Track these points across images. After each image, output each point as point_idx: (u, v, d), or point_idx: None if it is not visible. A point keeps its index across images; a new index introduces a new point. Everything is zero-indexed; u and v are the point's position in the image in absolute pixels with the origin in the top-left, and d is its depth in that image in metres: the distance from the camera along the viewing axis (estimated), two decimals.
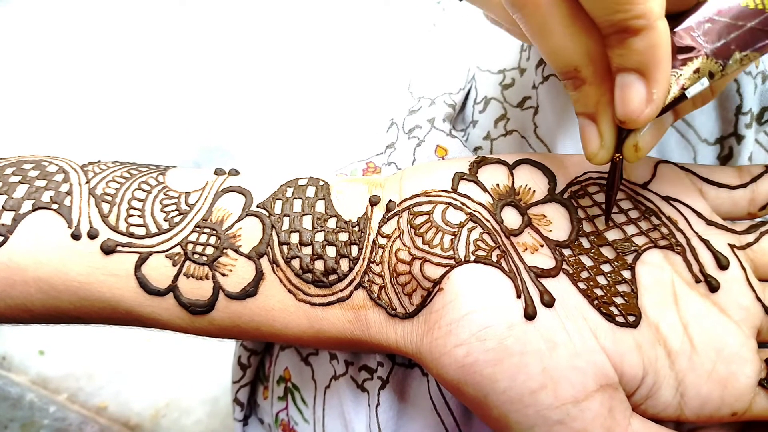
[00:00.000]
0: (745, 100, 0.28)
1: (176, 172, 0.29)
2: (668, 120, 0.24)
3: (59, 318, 0.28)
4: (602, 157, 0.23)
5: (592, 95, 0.22)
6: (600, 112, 0.23)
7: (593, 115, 0.23)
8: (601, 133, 0.23)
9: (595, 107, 0.23)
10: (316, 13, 1.27)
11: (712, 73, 0.22)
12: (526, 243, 0.26)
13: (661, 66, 0.20)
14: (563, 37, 0.21)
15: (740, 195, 0.27)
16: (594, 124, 0.23)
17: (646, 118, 0.21)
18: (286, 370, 0.37)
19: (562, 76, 0.23)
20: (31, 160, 0.29)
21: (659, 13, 0.19)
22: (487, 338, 0.23)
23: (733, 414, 0.25)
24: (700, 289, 0.25)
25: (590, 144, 0.23)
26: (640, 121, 0.21)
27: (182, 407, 0.94)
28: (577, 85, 0.22)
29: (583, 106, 0.23)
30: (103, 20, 1.38)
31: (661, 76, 0.21)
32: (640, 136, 0.23)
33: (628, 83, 0.21)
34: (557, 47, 0.21)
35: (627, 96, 0.21)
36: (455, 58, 0.38)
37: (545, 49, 0.22)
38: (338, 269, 0.26)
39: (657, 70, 0.20)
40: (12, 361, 0.96)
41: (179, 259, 0.26)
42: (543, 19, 0.21)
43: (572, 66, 0.22)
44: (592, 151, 0.23)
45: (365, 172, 0.37)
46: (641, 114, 0.21)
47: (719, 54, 0.21)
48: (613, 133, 0.23)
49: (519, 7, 0.21)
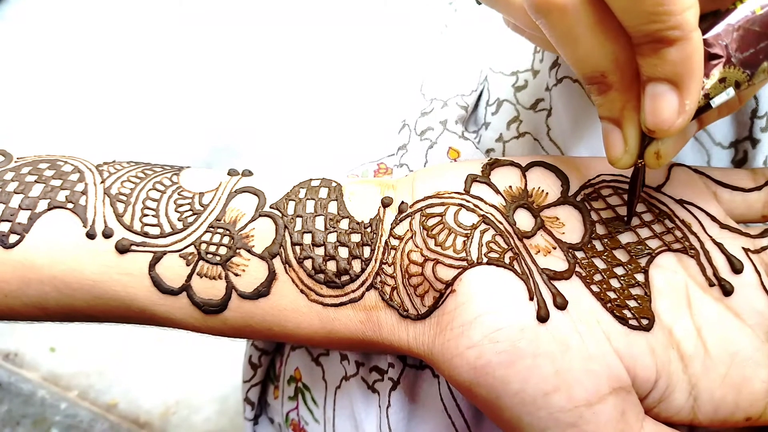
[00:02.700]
0: (761, 103, 0.28)
1: (190, 173, 0.29)
2: (692, 129, 0.24)
3: (73, 316, 0.28)
4: (626, 162, 0.23)
5: (618, 101, 0.22)
6: (626, 117, 0.22)
7: (618, 120, 0.23)
8: (626, 139, 0.23)
9: (621, 113, 0.22)
10: (329, 13, 1.27)
11: (739, 83, 0.21)
12: (538, 245, 0.26)
13: (695, 77, 0.20)
14: (590, 44, 0.21)
15: (755, 198, 0.27)
16: (618, 129, 0.23)
17: (677, 129, 0.21)
18: (297, 370, 0.37)
19: (587, 81, 0.22)
20: (46, 160, 0.29)
21: (694, 24, 0.19)
22: (499, 340, 0.23)
23: (748, 419, 0.24)
24: (714, 293, 0.25)
25: (614, 149, 0.23)
26: (671, 131, 0.21)
27: (192, 405, 0.94)
28: (603, 90, 0.22)
29: (608, 111, 0.23)
30: (115, 21, 1.39)
31: (695, 86, 0.20)
32: (662, 143, 0.23)
33: (660, 93, 0.21)
34: (584, 54, 0.21)
35: (658, 106, 0.21)
36: (467, 59, 0.37)
37: (571, 55, 0.22)
38: (350, 270, 0.26)
39: (690, 81, 0.20)
40: (24, 357, 0.97)
41: (193, 258, 0.27)
42: (570, 25, 0.20)
43: (599, 72, 0.22)
44: (615, 156, 0.23)
45: (376, 173, 0.38)
46: (673, 124, 0.21)
47: (747, 63, 0.21)
48: (638, 139, 0.23)
49: (544, 13, 0.21)
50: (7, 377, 0.94)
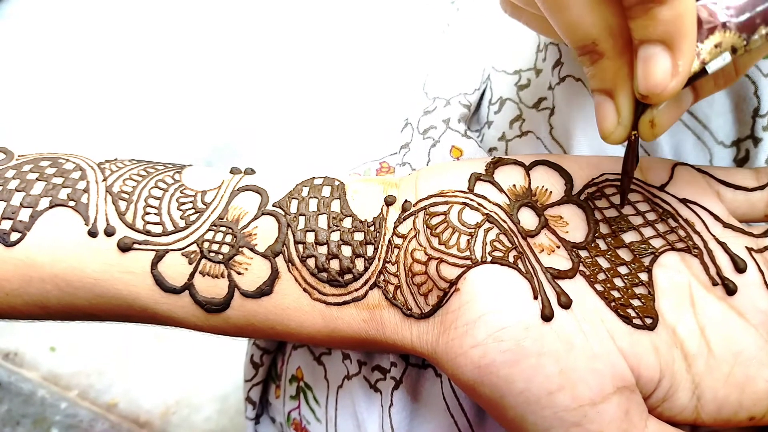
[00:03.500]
0: (763, 102, 0.28)
1: (192, 171, 0.29)
2: (687, 99, 0.23)
3: (75, 314, 0.28)
4: (619, 135, 0.23)
5: (610, 70, 0.22)
6: (618, 86, 0.22)
7: (610, 91, 0.22)
8: (619, 109, 0.22)
9: (613, 83, 0.22)
10: (331, 12, 1.27)
11: (735, 48, 0.21)
12: (542, 244, 0.25)
13: (688, 36, 0.20)
14: (581, 10, 0.21)
15: (758, 197, 0.27)
16: (611, 99, 0.22)
17: (671, 92, 0.20)
18: (299, 369, 0.37)
19: (579, 51, 0.22)
20: (48, 158, 0.29)
21: None
22: (503, 339, 0.23)
23: (751, 418, 0.24)
24: (718, 292, 0.25)
25: (606, 121, 0.23)
26: (664, 95, 0.20)
27: (192, 404, 0.94)
28: (594, 59, 0.22)
29: (600, 81, 0.22)
30: (116, 19, 1.39)
31: (687, 47, 0.20)
32: (656, 111, 0.22)
33: (652, 55, 0.20)
34: (575, 20, 0.21)
35: (651, 68, 0.20)
36: (470, 58, 0.37)
37: (562, 22, 0.21)
38: (353, 269, 0.26)
39: (683, 41, 0.20)
40: (24, 357, 0.97)
41: (195, 257, 0.26)
42: None
43: (590, 39, 0.21)
44: (607, 129, 0.23)
45: (379, 171, 0.37)
46: (666, 87, 0.20)
47: (743, 28, 0.20)
48: (631, 108, 0.22)
49: None
50: (7, 377, 0.94)
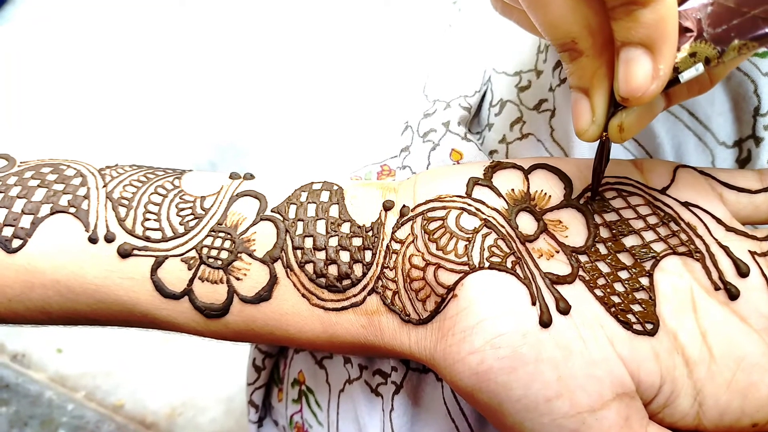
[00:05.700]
0: (763, 101, 0.27)
1: (192, 176, 0.29)
2: (659, 105, 0.23)
3: (76, 320, 0.28)
4: (592, 133, 0.23)
5: (588, 68, 0.22)
6: (594, 85, 0.22)
7: (587, 90, 0.22)
8: (593, 107, 0.22)
9: (590, 81, 0.22)
10: (332, 14, 1.27)
11: (709, 59, 0.21)
12: (541, 249, 0.25)
13: (669, 41, 0.20)
14: (562, 8, 0.21)
15: (761, 200, 0.27)
16: (587, 98, 0.23)
17: (651, 95, 0.21)
18: (301, 372, 0.37)
19: (559, 48, 0.22)
20: (49, 164, 0.29)
21: None
22: (501, 346, 0.23)
23: (754, 425, 0.24)
24: (720, 296, 0.25)
25: (581, 119, 0.23)
26: (644, 98, 0.21)
27: (198, 406, 0.94)
28: (574, 57, 0.22)
29: (578, 79, 0.23)
30: (120, 21, 1.40)
31: (668, 51, 0.20)
32: (626, 115, 0.22)
33: (634, 58, 0.20)
34: (555, 18, 0.21)
35: (631, 71, 0.20)
36: (471, 59, 0.37)
37: (542, 20, 0.21)
38: (352, 274, 0.26)
39: (664, 45, 0.20)
40: (30, 358, 0.98)
41: (194, 263, 0.26)
42: None
43: (570, 37, 0.21)
44: (582, 126, 0.23)
45: (380, 175, 0.37)
46: (646, 90, 0.20)
47: (718, 39, 0.21)
48: (605, 108, 0.22)
49: None
50: (14, 378, 0.95)
